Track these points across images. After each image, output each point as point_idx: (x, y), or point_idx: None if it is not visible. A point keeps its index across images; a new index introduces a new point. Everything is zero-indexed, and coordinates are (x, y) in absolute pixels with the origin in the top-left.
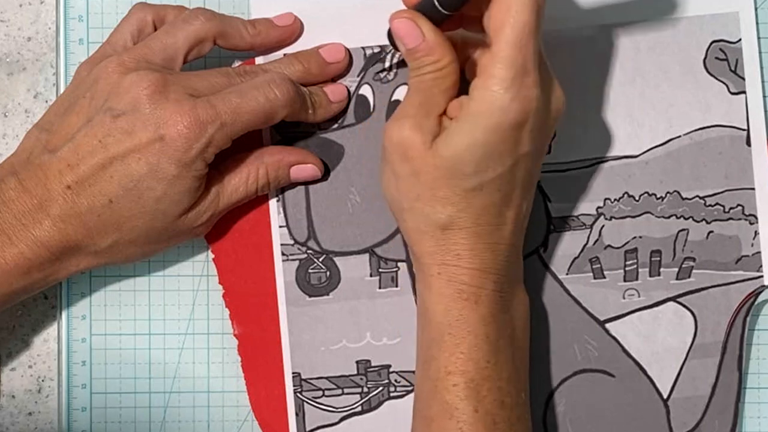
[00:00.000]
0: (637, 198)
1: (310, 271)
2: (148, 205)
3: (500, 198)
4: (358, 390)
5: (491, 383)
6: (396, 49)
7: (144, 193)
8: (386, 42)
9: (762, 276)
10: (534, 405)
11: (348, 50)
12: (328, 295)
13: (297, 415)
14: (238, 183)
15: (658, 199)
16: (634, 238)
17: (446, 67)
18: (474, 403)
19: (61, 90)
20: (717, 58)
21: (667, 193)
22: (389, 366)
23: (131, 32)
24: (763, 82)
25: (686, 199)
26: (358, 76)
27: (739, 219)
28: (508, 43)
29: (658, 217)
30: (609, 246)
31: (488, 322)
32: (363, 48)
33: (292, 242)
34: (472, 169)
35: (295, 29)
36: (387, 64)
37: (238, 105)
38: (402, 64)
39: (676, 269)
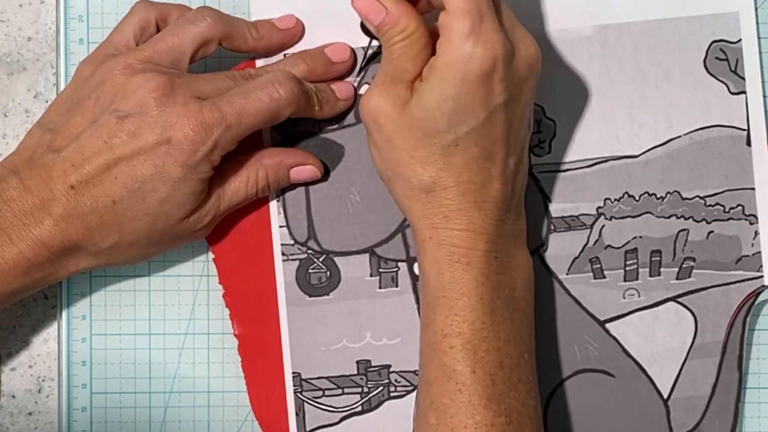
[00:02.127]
0: (637, 198)
1: (310, 271)
2: (151, 206)
3: (479, 153)
4: (358, 390)
5: (488, 344)
6: (371, 36)
7: (148, 195)
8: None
9: (762, 276)
10: None
11: (353, 50)
12: (328, 295)
13: (297, 415)
14: (238, 186)
15: (658, 199)
16: (634, 238)
17: (413, 34)
18: (471, 364)
19: (62, 90)
20: (717, 58)
21: (667, 193)
22: (389, 366)
23: (133, 31)
24: (763, 82)
25: (686, 199)
26: (358, 75)
27: (739, 219)
28: None
29: (658, 217)
30: (609, 246)
31: (481, 283)
32: (363, 48)
33: (292, 242)
34: (445, 124)
35: (296, 32)
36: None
37: (242, 106)
38: None
39: (676, 269)
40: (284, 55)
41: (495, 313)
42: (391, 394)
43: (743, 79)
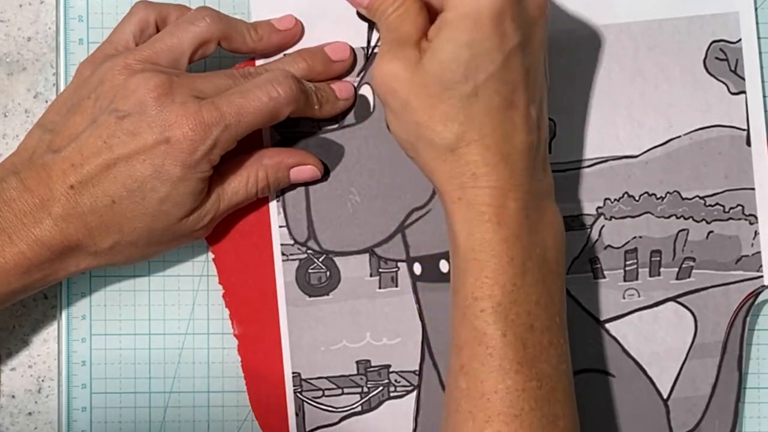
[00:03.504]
0: (637, 198)
1: (310, 271)
2: (150, 206)
3: (500, 101)
4: (358, 390)
5: (519, 307)
6: (369, 22)
7: (147, 195)
8: (365, 44)
9: (762, 276)
10: None
11: (353, 49)
12: (328, 295)
13: (297, 415)
14: (238, 186)
15: (658, 199)
16: (634, 238)
17: (406, 1)
18: (502, 328)
19: (62, 90)
20: (717, 58)
21: (667, 193)
22: (389, 366)
23: (133, 32)
24: (763, 82)
25: (686, 199)
26: (358, 75)
27: (739, 219)
28: None
29: (658, 217)
30: (609, 246)
31: (512, 244)
32: (363, 48)
33: (292, 242)
34: (462, 74)
35: (296, 33)
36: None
37: (241, 105)
38: None
39: (676, 269)
40: (284, 55)
41: (526, 275)
42: (391, 394)
43: (743, 79)
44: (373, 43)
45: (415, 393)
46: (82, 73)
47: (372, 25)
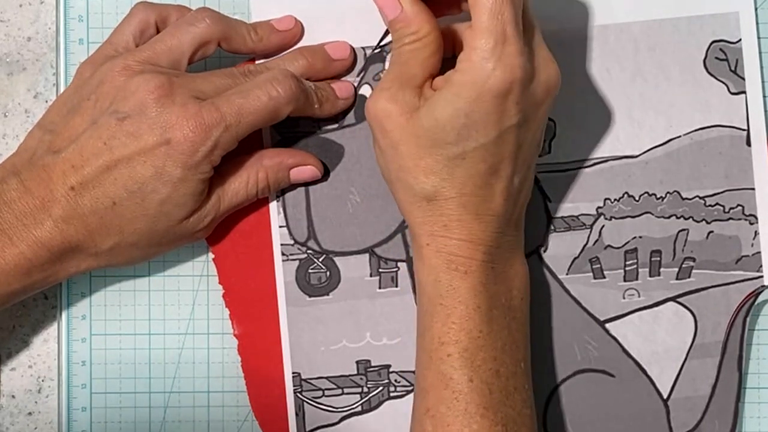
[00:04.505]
0: (637, 198)
1: (310, 271)
2: (151, 207)
3: (485, 169)
4: (358, 390)
5: (485, 353)
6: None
7: (148, 196)
8: (386, 42)
9: (762, 276)
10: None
11: (353, 48)
12: (328, 295)
13: (297, 415)
14: (238, 187)
15: (658, 199)
16: (634, 238)
17: (425, 38)
18: (469, 373)
19: (62, 90)
20: (717, 58)
21: (667, 193)
22: (389, 366)
23: (133, 33)
24: (763, 82)
25: (686, 199)
26: (358, 76)
27: (739, 219)
28: (484, 12)
29: (658, 217)
30: (609, 246)
31: (479, 292)
32: (363, 48)
33: (292, 242)
34: (454, 137)
35: (295, 33)
36: (387, 64)
37: (241, 106)
38: None
39: (676, 269)
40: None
41: (492, 322)
42: (391, 394)
43: (743, 79)
44: (384, 42)
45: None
46: (82, 74)
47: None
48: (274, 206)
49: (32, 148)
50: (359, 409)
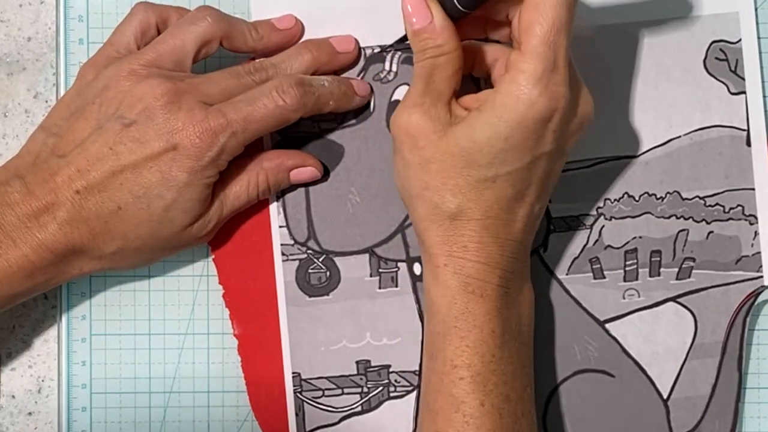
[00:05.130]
0: (637, 198)
1: (310, 271)
2: (156, 213)
3: (513, 193)
4: (358, 390)
5: (497, 377)
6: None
7: (153, 201)
8: (386, 42)
9: (762, 276)
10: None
11: (358, 42)
12: (328, 295)
13: (297, 415)
14: (239, 190)
15: (658, 199)
16: (634, 238)
17: (450, 53)
18: (480, 397)
19: (62, 90)
20: (717, 58)
21: (667, 193)
22: (389, 366)
23: (134, 34)
24: (763, 82)
25: (686, 199)
26: (358, 76)
27: (739, 219)
28: (537, 39)
29: (658, 217)
30: (609, 246)
31: (493, 317)
32: (363, 48)
33: (292, 242)
34: (488, 160)
35: (296, 32)
36: (387, 65)
37: (248, 113)
38: (402, 63)
39: (676, 269)
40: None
41: (504, 347)
42: (391, 395)
43: (743, 79)
44: (375, 44)
45: (415, 393)
46: (84, 76)
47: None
48: (274, 206)
49: (36, 151)
50: (359, 409)
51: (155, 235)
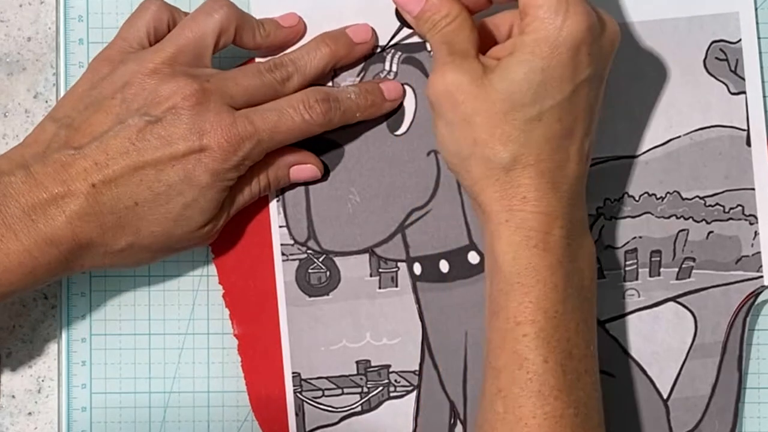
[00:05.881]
0: (637, 198)
1: (310, 271)
2: (174, 210)
3: (561, 130)
4: (358, 390)
5: (560, 333)
6: (407, 26)
7: (173, 199)
8: (386, 42)
9: (762, 276)
10: None
11: (374, 30)
12: (328, 295)
13: (297, 415)
14: (242, 187)
15: (658, 199)
16: (634, 238)
17: (459, 16)
18: (544, 353)
19: (62, 90)
20: (717, 58)
21: (667, 193)
22: (389, 366)
23: (147, 30)
24: (763, 82)
25: (686, 199)
26: (358, 75)
27: (739, 219)
28: None
29: (658, 217)
30: (609, 246)
31: (556, 270)
32: None
33: (292, 242)
34: (530, 97)
35: (299, 30)
36: (387, 65)
37: (275, 124)
38: (402, 63)
39: (676, 269)
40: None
41: (567, 302)
42: (391, 394)
43: (743, 79)
44: (396, 40)
45: (415, 393)
46: (98, 69)
47: (403, 24)
48: (274, 206)
49: (45, 141)
50: (359, 409)
51: (168, 232)
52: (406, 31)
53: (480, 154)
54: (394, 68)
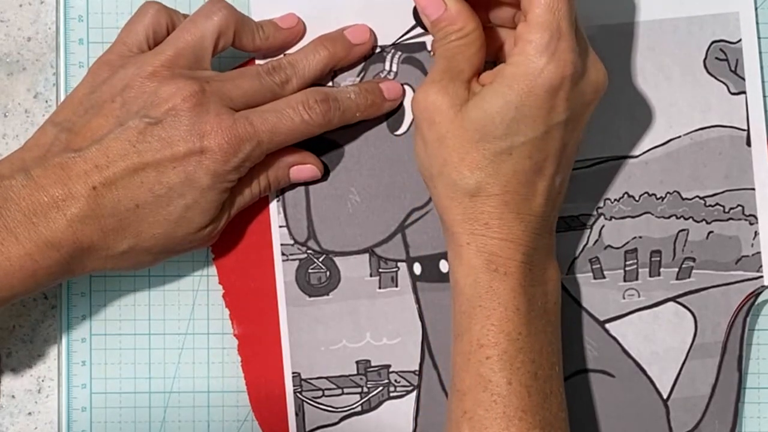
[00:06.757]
0: (637, 198)
1: (310, 271)
2: (175, 212)
3: (530, 166)
4: (358, 390)
5: (524, 355)
6: (422, 27)
7: (174, 200)
8: (386, 42)
9: (762, 276)
10: None
11: (372, 30)
12: (328, 295)
13: (297, 415)
14: (242, 188)
15: (658, 199)
16: (634, 238)
17: (470, 34)
18: (508, 375)
19: (62, 90)
20: (717, 58)
21: (667, 193)
22: (389, 366)
23: (146, 34)
24: (763, 82)
25: (686, 199)
26: (358, 76)
27: (739, 219)
28: (542, 7)
29: (658, 217)
30: (609, 246)
31: (518, 294)
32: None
33: (292, 242)
34: (502, 131)
35: (298, 32)
36: (387, 65)
37: (275, 125)
38: (402, 63)
39: (676, 269)
40: (284, 55)
41: (530, 324)
42: (391, 394)
43: (743, 79)
44: (406, 36)
45: (415, 393)
46: (98, 73)
47: (418, 24)
48: (274, 206)
49: (46, 144)
50: (359, 409)
51: (169, 234)
52: (417, 30)
53: (447, 175)
54: (394, 68)
